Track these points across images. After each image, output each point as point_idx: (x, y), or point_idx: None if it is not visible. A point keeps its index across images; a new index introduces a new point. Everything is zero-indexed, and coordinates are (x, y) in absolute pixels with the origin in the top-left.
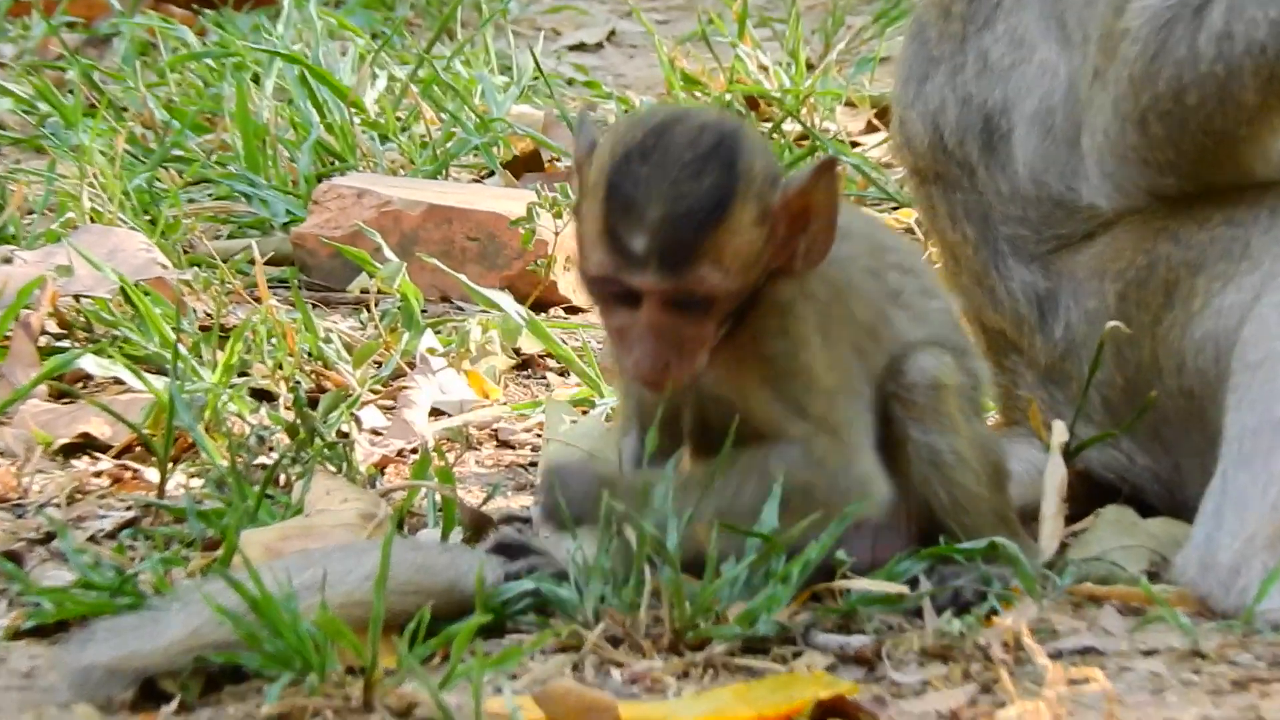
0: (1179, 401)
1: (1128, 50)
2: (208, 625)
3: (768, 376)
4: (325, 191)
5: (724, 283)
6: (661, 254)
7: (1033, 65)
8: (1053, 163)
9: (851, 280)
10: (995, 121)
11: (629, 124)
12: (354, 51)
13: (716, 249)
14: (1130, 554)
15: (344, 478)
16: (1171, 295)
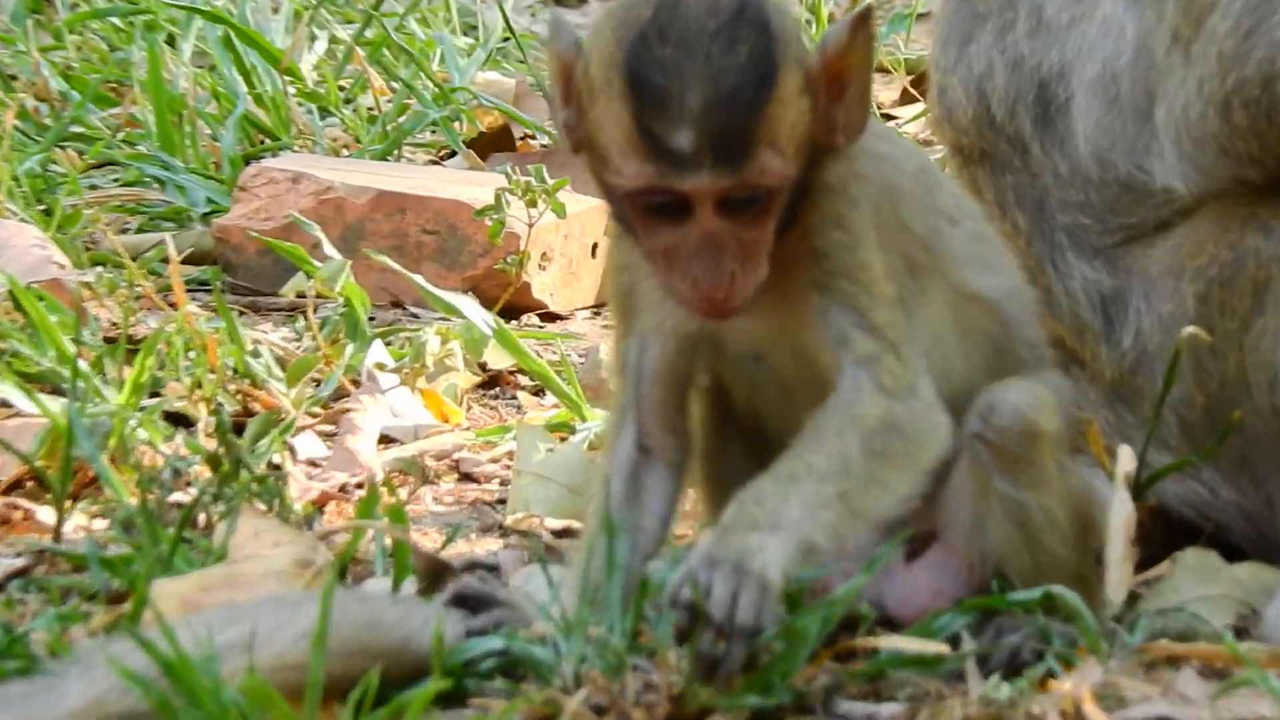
0: (1271, 423)
1: (1217, 24)
2: (113, 693)
3: (822, 279)
4: (254, 176)
5: (784, 168)
6: (715, 147)
7: (1095, 22)
8: (1119, 138)
9: (900, 181)
10: (1052, 89)
11: (626, 4)
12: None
13: (772, 129)
14: (1213, 605)
15: (276, 517)
16: (1262, 297)
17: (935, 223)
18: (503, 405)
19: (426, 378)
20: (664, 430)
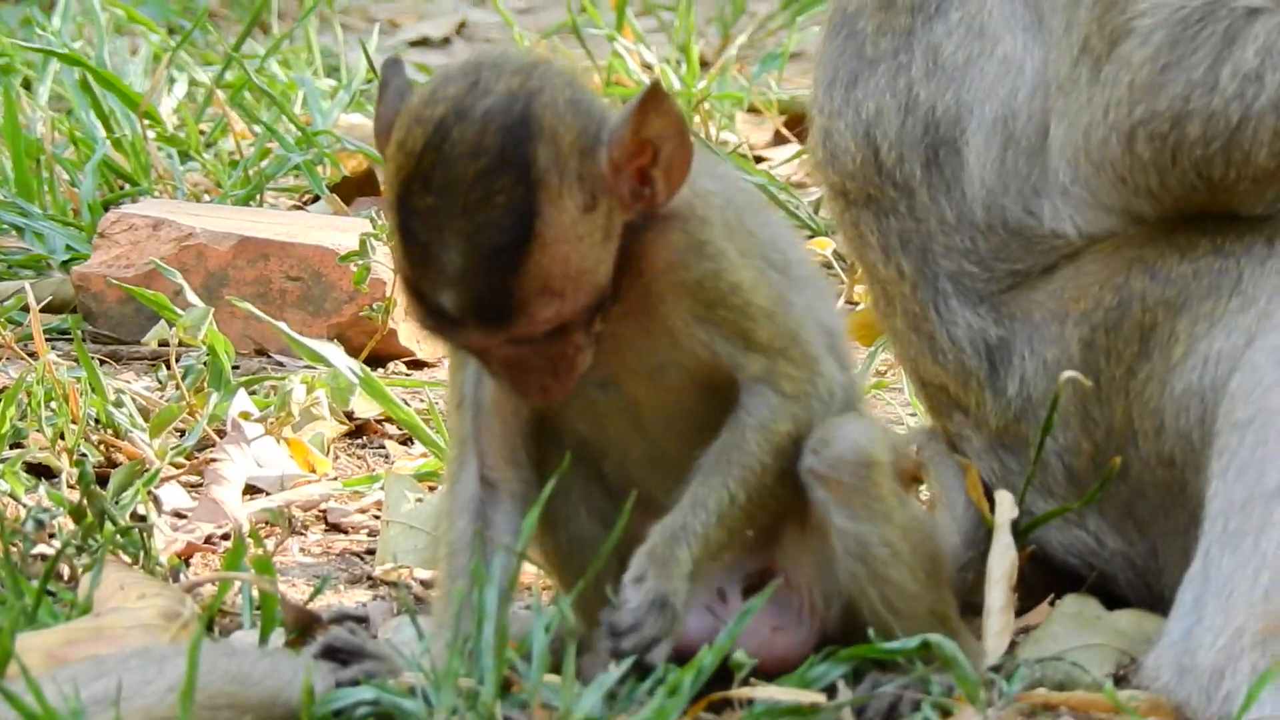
0: (1157, 472)
1: (1133, 51)
2: None
3: (700, 311)
4: (114, 222)
5: (563, 307)
6: (479, 308)
7: (994, 60)
8: (1013, 179)
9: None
10: (946, 132)
11: (417, 110)
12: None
13: (541, 278)
14: (1094, 654)
15: (141, 569)
16: (1148, 341)
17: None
18: (370, 454)
19: (292, 427)
20: (506, 463)
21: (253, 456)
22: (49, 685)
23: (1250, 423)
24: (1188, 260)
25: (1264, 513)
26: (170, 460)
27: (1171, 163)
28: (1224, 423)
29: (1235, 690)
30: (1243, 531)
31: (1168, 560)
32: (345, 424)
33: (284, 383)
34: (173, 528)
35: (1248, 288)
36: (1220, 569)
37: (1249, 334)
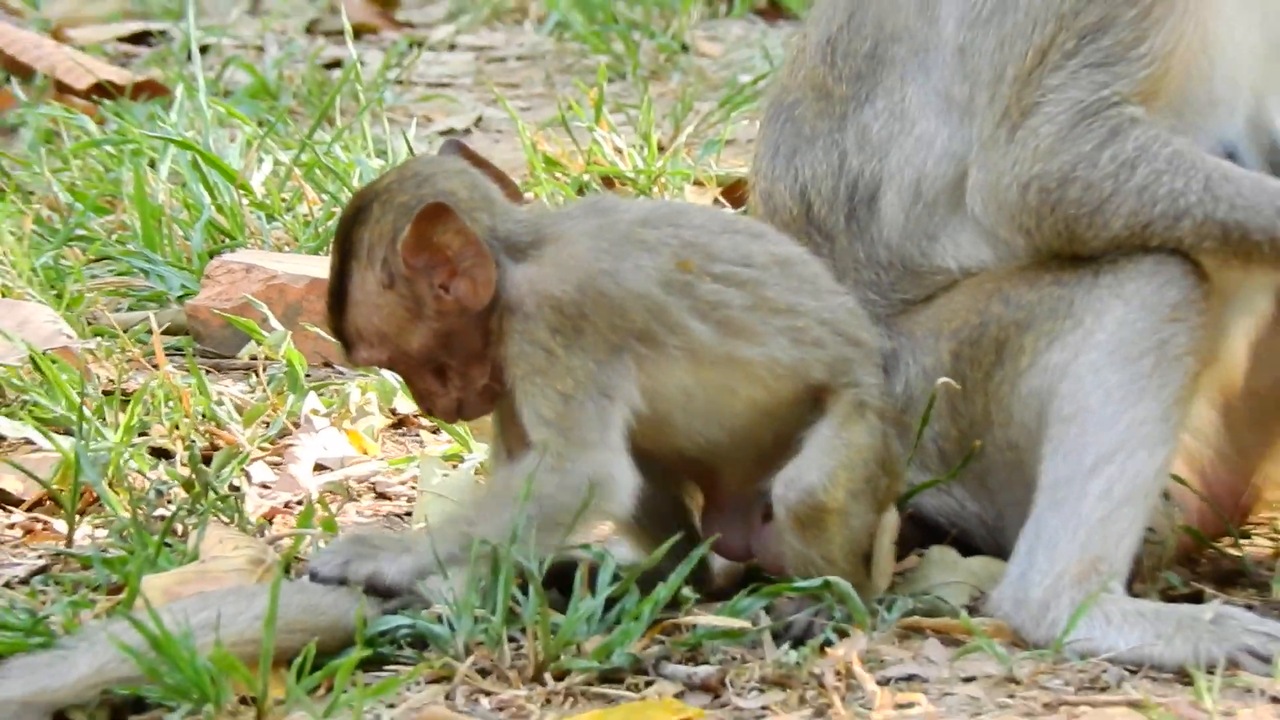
0: (1005, 453)
1: (1040, 124)
2: (113, 662)
3: (515, 380)
4: (216, 267)
5: (379, 352)
6: (338, 337)
7: (911, 138)
8: (916, 229)
9: (633, 289)
10: (866, 192)
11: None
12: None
13: (355, 326)
14: (952, 590)
15: (235, 527)
16: (1001, 353)
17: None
18: (409, 441)
19: (350, 420)
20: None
21: (320, 442)
22: (166, 615)
23: (1073, 418)
24: (1034, 290)
25: (1081, 486)
26: (258, 445)
27: (1050, 212)
28: (1054, 417)
29: (1058, 618)
30: (1066, 499)
31: (1010, 520)
32: (390, 418)
33: (344, 387)
34: (259, 496)
35: (1077, 311)
36: (1048, 527)
37: (1076, 350)
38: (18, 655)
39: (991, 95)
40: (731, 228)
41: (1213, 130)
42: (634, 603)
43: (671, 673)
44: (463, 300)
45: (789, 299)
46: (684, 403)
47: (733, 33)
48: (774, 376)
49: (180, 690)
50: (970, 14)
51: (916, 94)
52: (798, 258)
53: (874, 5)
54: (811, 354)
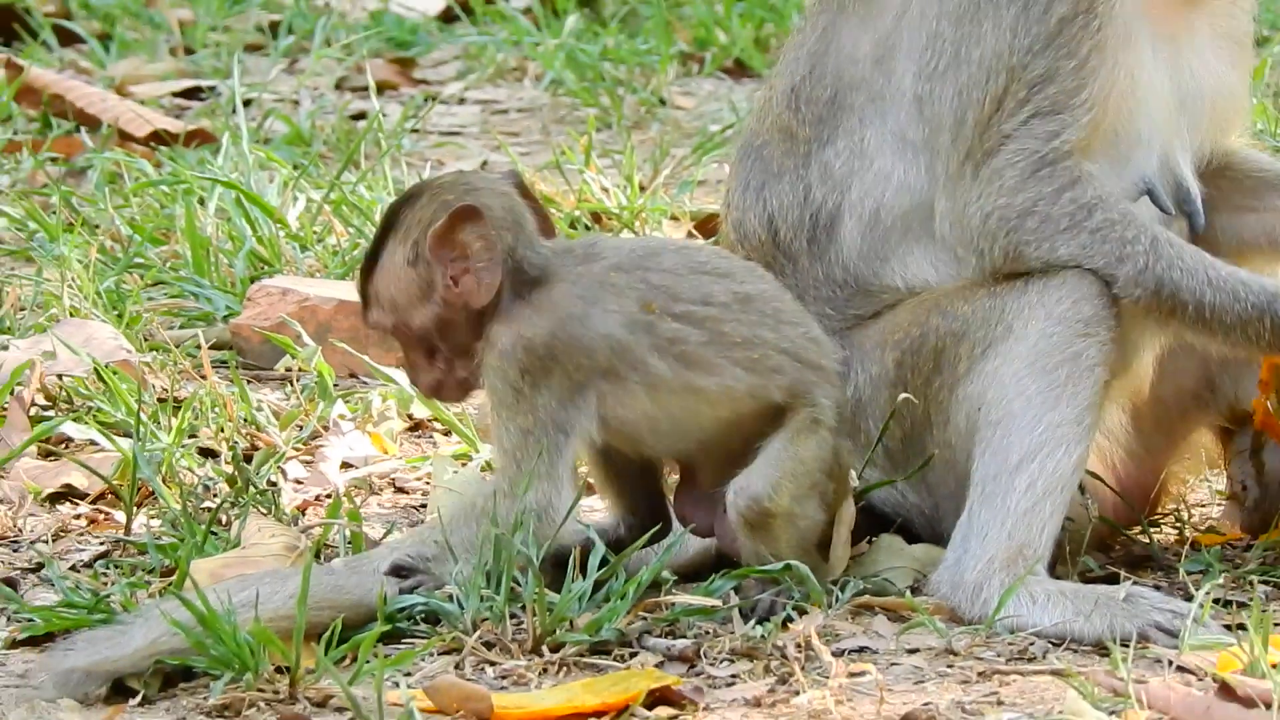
0: (943, 452)
1: (1003, 166)
2: (165, 636)
3: (488, 405)
4: (257, 290)
5: (387, 317)
6: (362, 297)
7: (870, 172)
8: (870, 252)
9: (599, 332)
10: (826, 220)
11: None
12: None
13: (374, 289)
14: (898, 573)
15: (272, 518)
16: (939, 361)
17: (638, 355)
18: (424, 442)
19: (373, 424)
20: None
21: (347, 444)
22: (211, 594)
23: (999, 422)
24: (969, 304)
25: (1008, 482)
26: (292, 446)
27: (1004, 236)
28: (983, 420)
29: (990, 598)
30: (995, 494)
31: (946, 511)
32: (407, 422)
33: (367, 395)
34: (294, 490)
35: (1009, 318)
36: (980, 518)
37: (1005, 358)
38: (82, 630)
39: (954, 137)
40: (700, 269)
41: (1136, 168)
42: (620, 584)
43: (653, 645)
44: (465, 295)
45: (746, 332)
46: (649, 426)
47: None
48: (730, 400)
49: (223, 661)
50: (927, 68)
51: (874, 135)
52: (760, 294)
53: (833, 59)
54: (770, 379)
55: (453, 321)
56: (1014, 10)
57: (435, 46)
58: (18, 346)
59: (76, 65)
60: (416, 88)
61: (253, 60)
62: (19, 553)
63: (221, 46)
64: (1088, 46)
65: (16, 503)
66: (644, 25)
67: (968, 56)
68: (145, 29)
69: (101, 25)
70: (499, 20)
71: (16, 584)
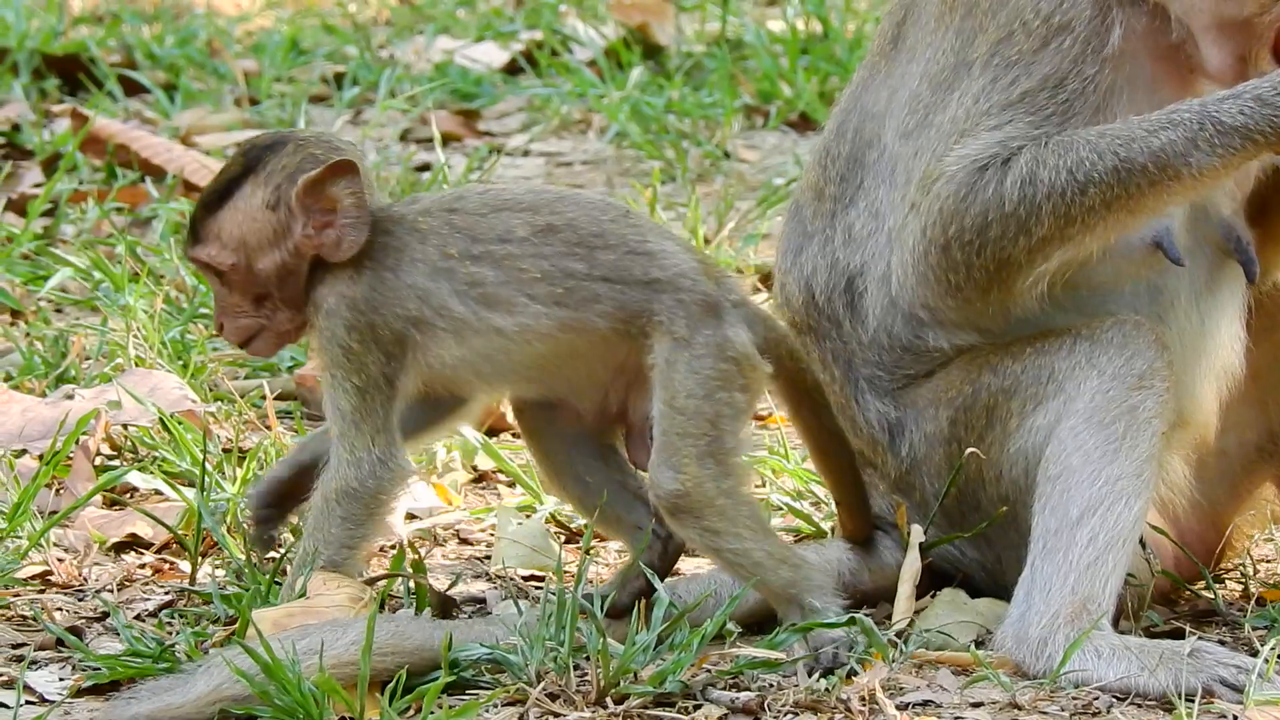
0: (998, 506)
1: (942, 188)
2: (228, 683)
3: (321, 370)
4: None
5: (226, 255)
6: (190, 227)
7: (883, 234)
8: (901, 316)
9: (404, 281)
10: (855, 283)
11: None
12: None
13: (219, 224)
14: (962, 628)
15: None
16: (991, 417)
17: (441, 301)
18: (487, 494)
19: (437, 475)
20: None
21: (411, 495)
22: (275, 643)
23: (1058, 477)
24: (1018, 361)
25: (1070, 536)
26: None
27: (977, 256)
28: (1042, 476)
29: (1055, 653)
30: (1057, 548)
31: (1008, 565)
32: (471, 474)
33: (432, 447)
34: None
35: (1059, 376)
36: (1043, 573)
37: (1058, 415)
38: (146, 678)
39: (902, 195)
40: (503, 206)
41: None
42: (684, 636)
43: (717, 698)
44: (322, 248)
45: (547, 266)
46: (472, 370)
47: (768, 142)
48: (542, 337)
49: (287, 710)
50: (901, 129)
51: (886, 195)
52: (569, 223)
53: (855, 115)
54: (585, 310)
55: (295, 272)
56: (983, 80)
57: (500, 98)
58: (83, 396)
59: (142, 115)
60: (481, 140)
61: (317, 111)
62: (84, 602)
63: (286, 97)
64: (1051, 109)
65: (82, 552)
66: (708, 78)
67: (933, 121)
68: (210, 79)
69: (166, 75)
70: (563, 72)
71: (82, 633)
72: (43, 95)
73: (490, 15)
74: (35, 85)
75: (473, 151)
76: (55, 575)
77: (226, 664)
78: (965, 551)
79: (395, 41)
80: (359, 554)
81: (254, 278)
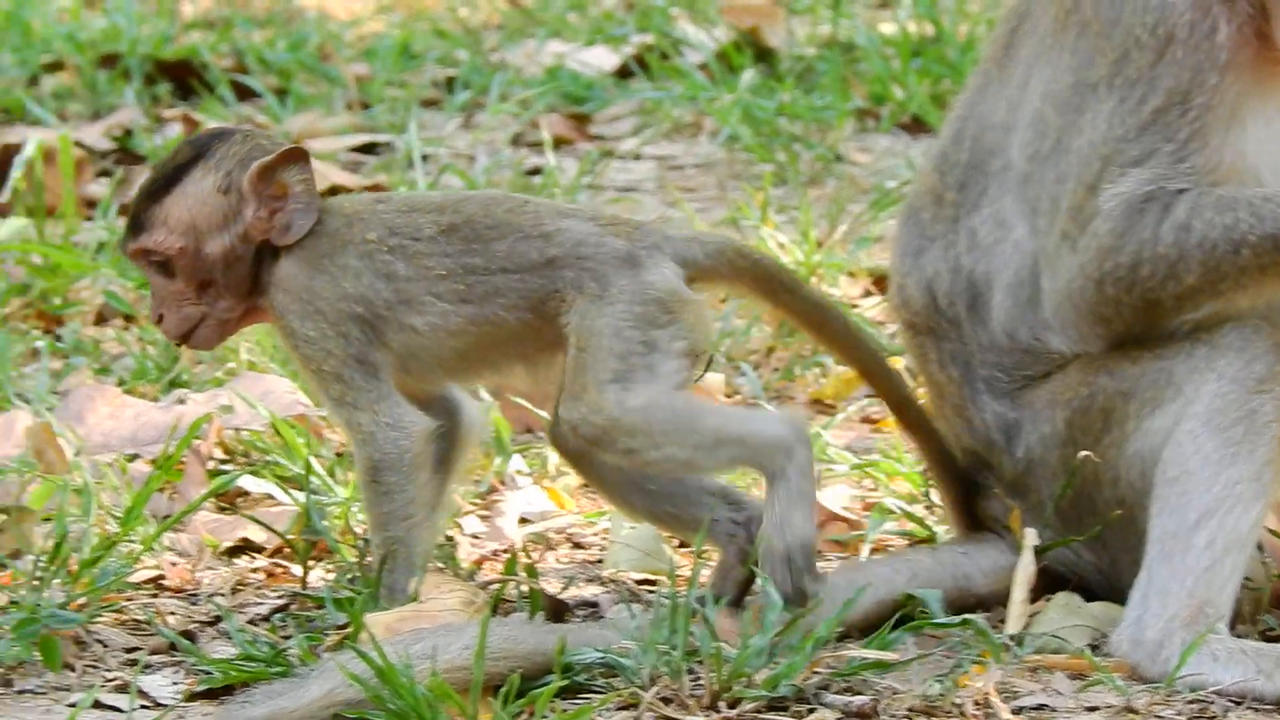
0: (1114, 509)
1: (1099, 225)
2: (341, 688)
3: (301, 369)
4: None
5: (174, 240)
6: (131, 220)
7: (1009, 243)
8: (1022, 321)
9: (338, 261)
10: (979, 287)
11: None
12: None
13: (169, 214)
14: (1076, 631)
15: (450, 572)
16: (1109, 420)
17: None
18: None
19: (549, 478)
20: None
21: (524, 498)
22: (388, 647)
23: (1177, 480)
24: (1136, 364)
25: (1187, 539)
26: (469, 500)
27: (1127, 294)
28: (1159, 478)
29: (1171, 656)
30: (1174, 552)
31: (1124, 568)
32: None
33: (544, 450)
34: (471, 545)
35: (1177, 380)
36: (1159, 576)
37: (1176, 418)
38: (260, 683)
39: (1051, 220)
40: (417, 207)
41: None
42: (797, 639)
43: (830, 701)
44: (271, 232)
45: (451, 264)
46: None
47: (881, 144)
48: (452, 334)
49: (400, 714)
50: (1030, 150)
51: (1012, 204)
52: (466, 219)
53: (972, 123)
54: (488, 305)
55: (243, 258)
56: (1111, 103)
57: (611, 102)
58: (195, 400)
59: (253, 120)
60: (592, 143)
61: (429, 115)
62: (197, 606)
63: (397, 101)
64: (1186, 132)
65: (195, 556)
66: (820, 81)
67: (1068, 145)
68: (321, 83)
69: (278, 80)
70: (675, 76)
71: (195, 637)
72: (154, 100)
73: (601, 19)
74: (147, 91)
75: (584, 155)
76: (168, 579)
77: (340, 668)
78: (1080, 554)
79: (506, 45)
80: (418, 521)
81: (201, 263)
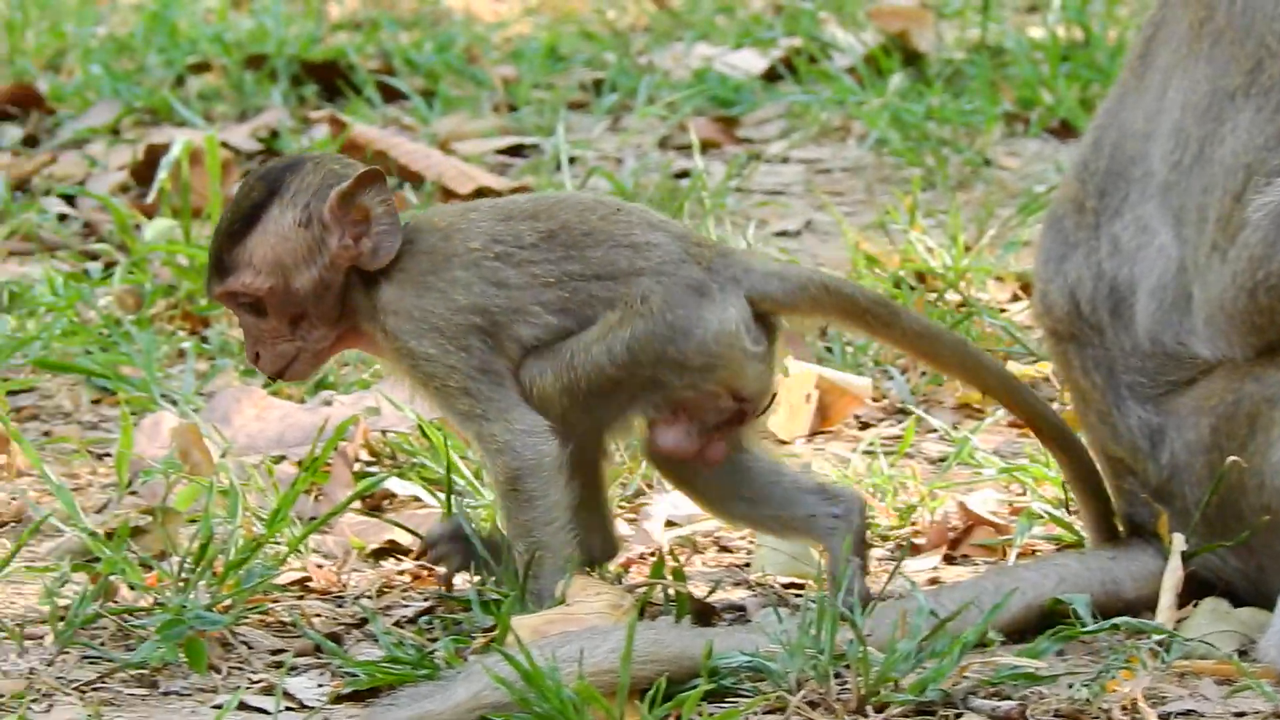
0: (1260, 515)
1: (1249, 236)
2: (487, 690)
3: (420, 389)
4: None
5: (262, 280)
6: (213, 263)
7: (1153, 249)
8: (1167, 326)
9: (453, 276)
10: (1122, 294)
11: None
12: None
13: (252, 254)
14: (1224, 637)
15: (597, 575)
16: (1254, 426)
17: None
18: None
19: None
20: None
21: (670, 502)
22: (535, 650)
23: None
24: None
25: None
26: (617, 503)
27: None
28: None
29: None
30: None
31: (1271, 574)
32: None
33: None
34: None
35: None
36: None
37: None
38: (405, 685)
39: (1198, 230)
40: (512, 215)
41: None
42: (945, 644)
43: (978, 706)
44: (360, 258)
45: (556, 271)
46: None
47: (1029, 149)
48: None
49: (547, 717)
50: (1172, 159)
51: (1154, 210)
52: (562, 228)
53: (1112, 131)
54: (583, 313)
55: (332, 286)
56: (1249, 112)
57: (759, 105)
58: (342, 402)
59: (400, 122)
60: (740, 146)
61: (576, 118)
62: (343, 608)
63: (545, 104)
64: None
65: (341, 558)
66: (969, 85)
67: (1210, 155)
68: (468, 86)
69: (425, 82)
70: (823, 79)
71: (341, 639)
72: (301, 102)
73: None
74: (294, 92)
75: (731, 158)
76: (314, 581)
77: (486, 671)
78: (1227, 560)
79: (654, 48)
80: (563, 525)
81: (291, 298)
